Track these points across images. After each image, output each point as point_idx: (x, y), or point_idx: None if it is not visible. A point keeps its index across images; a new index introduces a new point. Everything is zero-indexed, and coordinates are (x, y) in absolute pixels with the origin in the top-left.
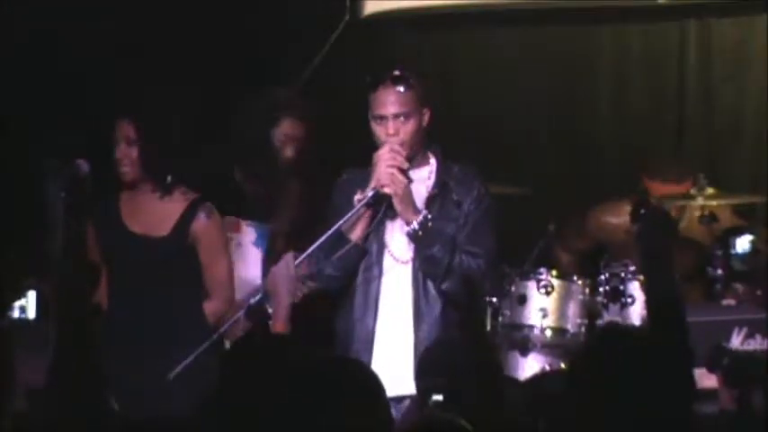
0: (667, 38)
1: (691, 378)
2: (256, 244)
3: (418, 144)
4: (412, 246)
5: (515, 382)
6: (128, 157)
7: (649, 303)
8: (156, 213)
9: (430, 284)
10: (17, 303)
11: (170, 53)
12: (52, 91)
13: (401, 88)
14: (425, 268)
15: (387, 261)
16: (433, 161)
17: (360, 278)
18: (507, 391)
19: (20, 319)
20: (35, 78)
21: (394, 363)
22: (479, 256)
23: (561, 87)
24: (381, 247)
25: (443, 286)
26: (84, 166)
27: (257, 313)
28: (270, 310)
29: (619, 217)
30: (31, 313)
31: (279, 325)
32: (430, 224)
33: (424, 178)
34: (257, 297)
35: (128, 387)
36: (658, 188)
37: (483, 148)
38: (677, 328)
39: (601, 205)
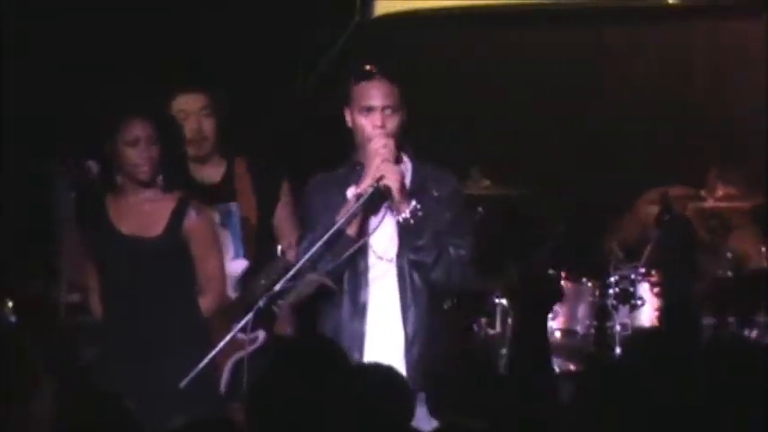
0: (677, 38)
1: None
2: (223, 224)
3: (399, 141)
4: (395, 242)
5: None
6: (148, 156)
7: (663, 306)
8: (145, 214)
9: (416, 279)
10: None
11: (178, 54)
12: (60, 91)
13: (389, 82)
14: (416, 258)
15: (371, 260)
16: (406, 160)
17: (345, 278)
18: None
19: None
20: (44, 78)
21: (385, 360)
22: (463, 247)
23: (570, 87)
24: (365, 245)
25: (432, 276)
26: (93, 167)
27: (267, 315)
28: (277, 312)
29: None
30: None
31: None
32: (420, 213)
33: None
34: (264, 299)
35: (129, 389)
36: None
37: (489, 148)
38: (689, 331)
39: (648, 193)
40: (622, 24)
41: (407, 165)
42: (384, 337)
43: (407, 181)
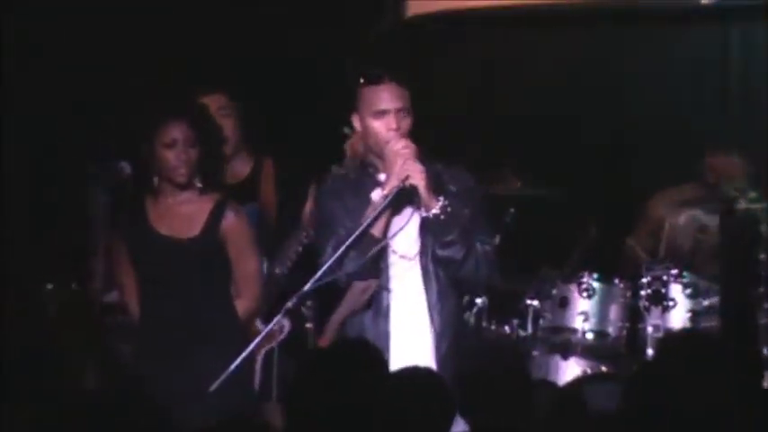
0: (710, 38)
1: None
2: None
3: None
4: (416, 241)
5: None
6: (186, 159)
7: (723, 308)
8: (183, 215)
9: (441, 276)
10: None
11: (205, 56)
12: (93, 92)
13: (401, 85)
14: (444, 254)
15: (391, 258)
16: None
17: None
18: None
19: None
20: (76, 79)
21: (412, 362)
22: (489, 243)
23: (601, 88)
24: (385, 246)
25: (461, 271)
26: (126, 168)
27: (295, 316)
28: (306, 313)
29: (678, 205)
30: None
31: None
32: (449, 209)
33: None
34: (294, 300)
35: (165, 389)
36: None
37: (519, 148)
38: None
39: (660, 192)
40: (653, 25)
41: None
42: (409, 337)
43: None
